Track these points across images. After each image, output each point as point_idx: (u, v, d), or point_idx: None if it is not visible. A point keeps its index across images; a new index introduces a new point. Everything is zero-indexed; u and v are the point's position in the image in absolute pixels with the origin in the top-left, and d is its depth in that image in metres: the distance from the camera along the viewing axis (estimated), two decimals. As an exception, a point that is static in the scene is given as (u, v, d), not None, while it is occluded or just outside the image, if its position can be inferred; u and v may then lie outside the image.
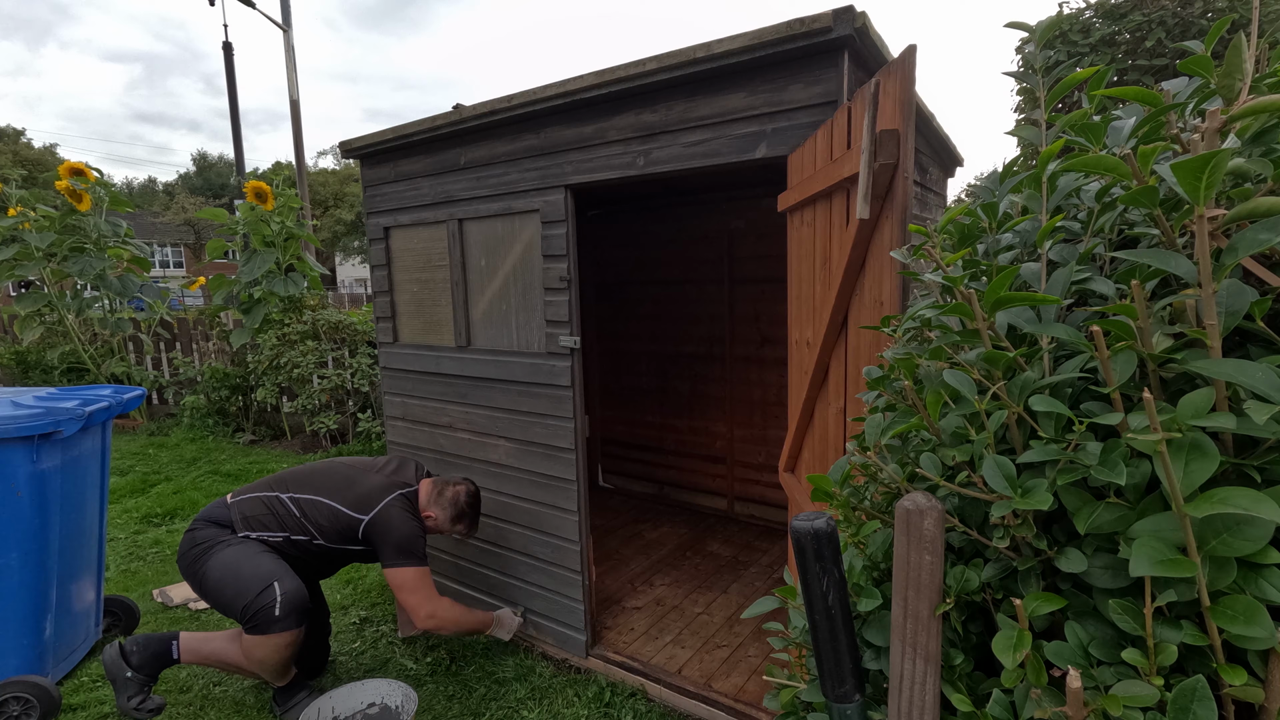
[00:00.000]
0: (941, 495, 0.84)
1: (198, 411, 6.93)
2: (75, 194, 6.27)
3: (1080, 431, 0.66)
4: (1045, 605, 0.69)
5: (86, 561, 2.71)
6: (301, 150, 11.93)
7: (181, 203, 36.33)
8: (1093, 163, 0.75)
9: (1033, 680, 0.69)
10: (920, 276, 0.97)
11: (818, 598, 0.82)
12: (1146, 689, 0.60)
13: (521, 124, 2.45)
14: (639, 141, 2.16)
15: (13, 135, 38.65)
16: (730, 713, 2.30)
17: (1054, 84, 0.94)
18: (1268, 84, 0.75)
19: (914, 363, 0.89)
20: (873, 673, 0.93)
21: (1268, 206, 0.61)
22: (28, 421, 2.26)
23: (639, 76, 2.03)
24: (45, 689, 2.32)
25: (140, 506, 4.68)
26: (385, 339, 3.20)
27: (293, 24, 11.67)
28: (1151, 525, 0.63)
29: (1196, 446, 0.60)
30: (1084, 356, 0.72)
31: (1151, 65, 4.34)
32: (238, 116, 12.87)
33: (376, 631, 3.02)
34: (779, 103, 1.87)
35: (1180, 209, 0.72)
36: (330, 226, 33.30)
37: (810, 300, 1.83)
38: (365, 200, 3.12)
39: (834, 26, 1.67)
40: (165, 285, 7.61)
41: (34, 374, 7.14)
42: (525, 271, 2.57)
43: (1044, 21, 0.95)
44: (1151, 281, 0.74)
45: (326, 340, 6.15)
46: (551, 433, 2.59)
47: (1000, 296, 0.74)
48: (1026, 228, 0.93)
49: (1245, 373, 0.58)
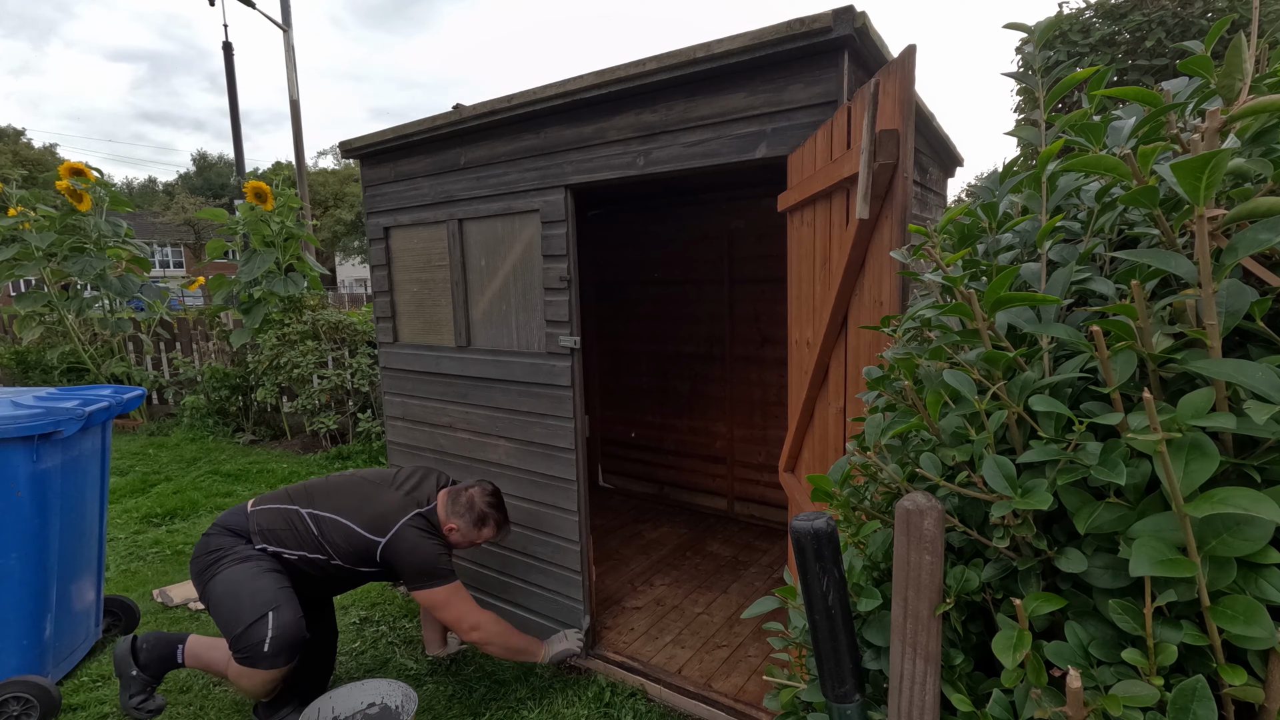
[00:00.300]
0: (941, 495, 0.84)
1: (198, 411, 6.93)
2: (75, 194, 6.27)
3: (1080, 431, 0.66)
4: (1045, 605, 0.69)
5: (86, 561, 2.70)
6: (301, 150, 11.93)
7: (181, 203, 36.33)
8: (1093, 163, 0.75)
9: (1033, 680, 0.69)
10: (920, 276, 0.97)
11: (818, 598, 0.82)
12: (1146, 689, 0.60)
13: (521, 124, 2.45)
14: (639, 141, 2.16)
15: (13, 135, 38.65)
16: (730, 713, 2.30)
17: (1053, 84, 0.94)
18: (1268, 84, 0.75)
19: (914, 363, 0.89)
20: (873, 673, 0.93)
21: (1268, 206, 0.61)
22: (28, 421, 2.26)
23: (639, 76, 2.03)
24: (45, 689, 2.32)
25: (140, 506, 4.68)
26: (385, 339, 3.20)
27: (293, 24, 11.66)
28: (1151, 525, 0.63)
29: (1196, 446, 0.60)
30: (1084, 356, 0.72)
31: (1151, 65, 4.34)
32: (238, 116, 12.87)
33: (376, 631, 3.02)
34: (779, 103, 1.87)
35: (1180, 209, 0.72)
36: (330, 226, 33.30)
37: (810, 300, 1.83)
38: (365, 200, 3.12)
39: (834, 26, 1.67)
40: (165, 285, 7.61)
41: (34, 374, 7.14)
42: (525, 271, 2.57)
43: (1043, 22, 0.95)
44: (1151, 281, 0.74)
45: (326, 340, 6.15)
46: (551, 433, 2.59)
47: (1000, 296, 0.74)
48: (1026, 228, 0.93)
49: (1245, 373, 0.58)
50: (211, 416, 6.93)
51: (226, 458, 5.98)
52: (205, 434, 6.78)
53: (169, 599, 3.32)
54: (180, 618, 3.16)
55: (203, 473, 5.51)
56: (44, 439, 2.33)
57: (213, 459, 5.94)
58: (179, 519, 4.51)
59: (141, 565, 3.80)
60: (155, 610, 3.23)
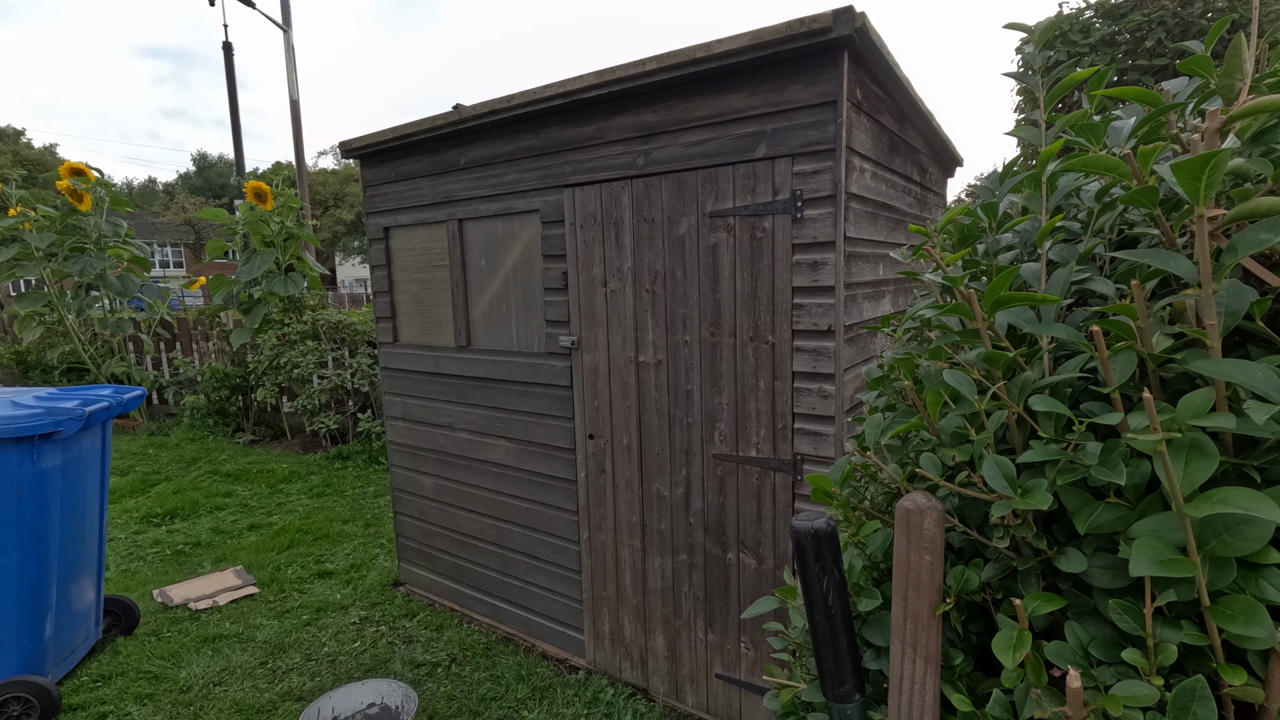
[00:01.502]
0: (941, 495, 0.84)
1: (198, 411, 6.93)
2: (75, 194, 6.27)
3: (1080, 431, 0.66)
4: (1045, 605, 0.69)
5: (87, 561, 2.70)
6: (301, 150, 11.93)
7: (181, 203, 36.33)
8: (1092, 163, 0.75)
9: (1033, 680, 0.69)
10: (920, 276, 0.97)
11: (818, 598, 0.82)
12: (1146, 689, 0.60)
13: (521, 124, 2.45)
14: (639, 141, 2.16)
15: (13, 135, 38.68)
16: (730, 713, 2.30)
17: (1053, 84, 0.94)
18: (1267, 84, 0.75)
19: (914, 363, 0.89)
20: (873, 673, 0.93)
21: (1267, 206, 0.61)
22: (28, 421, 2.26)
23: (639, 76, 2.03)
24: (45, 689, 2.32)
25: (140, 506, 4.68)
26: (385, 339, 3.20)
27: (293, 24, 11.67)
28: (1151, 525, 0.63)
29: (1196, 446, 0.60)
30: (1084, 356, 0.72)
31: (1151, 65, 4.34)
32: (237, 116, 12.87)
33: (376, 631, 3.02)
34: (779, 103, 1.87)
35: (1180, 209, 0.72)
36: (330, 226, 33.30)
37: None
38: (365, 200, 3.12)
39: (834, 27, 1.67)
40: (165, 285, 7.61)
41: (34, 374, 7.14)
42: (525, 271, 2.57)
43: (1043, 22, 0.95)
44: (1151, 281, 0.74)
45: (326, 340, 6.15)
46: (551, 432, 2.59)
47: (1000, 296, 0.74)
48: (1026, 228, 0.93)
49: (1245, 373, 0.58)
50: (211, 416, 6.93)
51: (226, 458, 5.99)
52: (205, 434, 6.78)
53: (169, 599, 3.32)
54: (180, 617, 3.16)
55: (203, 473, 5.52)
56: (44, 439, 2.33)
57: (213, 459, 5.94)
58: (179, 519, 4.51)
59: (141, 565, 3.80)
60: (155, 610, 3.23)
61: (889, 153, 2.29)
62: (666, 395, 2.26)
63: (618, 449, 2.43)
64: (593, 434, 2.51)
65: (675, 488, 2.30)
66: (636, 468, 2.39)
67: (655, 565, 2.40)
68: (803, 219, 1.88)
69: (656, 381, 2.28)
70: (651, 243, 2.20)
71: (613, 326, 2.35)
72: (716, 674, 2.30)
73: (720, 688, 2.31)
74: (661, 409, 2.28)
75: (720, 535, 2.21)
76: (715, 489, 2.20)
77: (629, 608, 2.50)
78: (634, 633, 2.51)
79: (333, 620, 3.13)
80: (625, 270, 2.28)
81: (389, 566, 3.69)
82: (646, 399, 2.31)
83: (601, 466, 2.50)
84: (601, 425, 2.47)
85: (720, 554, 2.22)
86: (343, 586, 3.48)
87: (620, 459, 2.43)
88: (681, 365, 2.20)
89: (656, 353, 2.26)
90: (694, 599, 2.31)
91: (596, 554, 2.56)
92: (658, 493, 2.35)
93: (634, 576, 2.47)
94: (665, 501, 2.33)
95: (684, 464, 2.26)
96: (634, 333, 2.30)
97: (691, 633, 2.34)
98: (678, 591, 2.36)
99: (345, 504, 4.76)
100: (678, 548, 2.33)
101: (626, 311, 2.30)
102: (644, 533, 2.41)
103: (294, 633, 3.02)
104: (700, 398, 2.18)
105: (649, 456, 2.35)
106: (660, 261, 2.19)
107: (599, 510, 2.53)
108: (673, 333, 2.20)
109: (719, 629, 2.27)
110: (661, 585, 2.40)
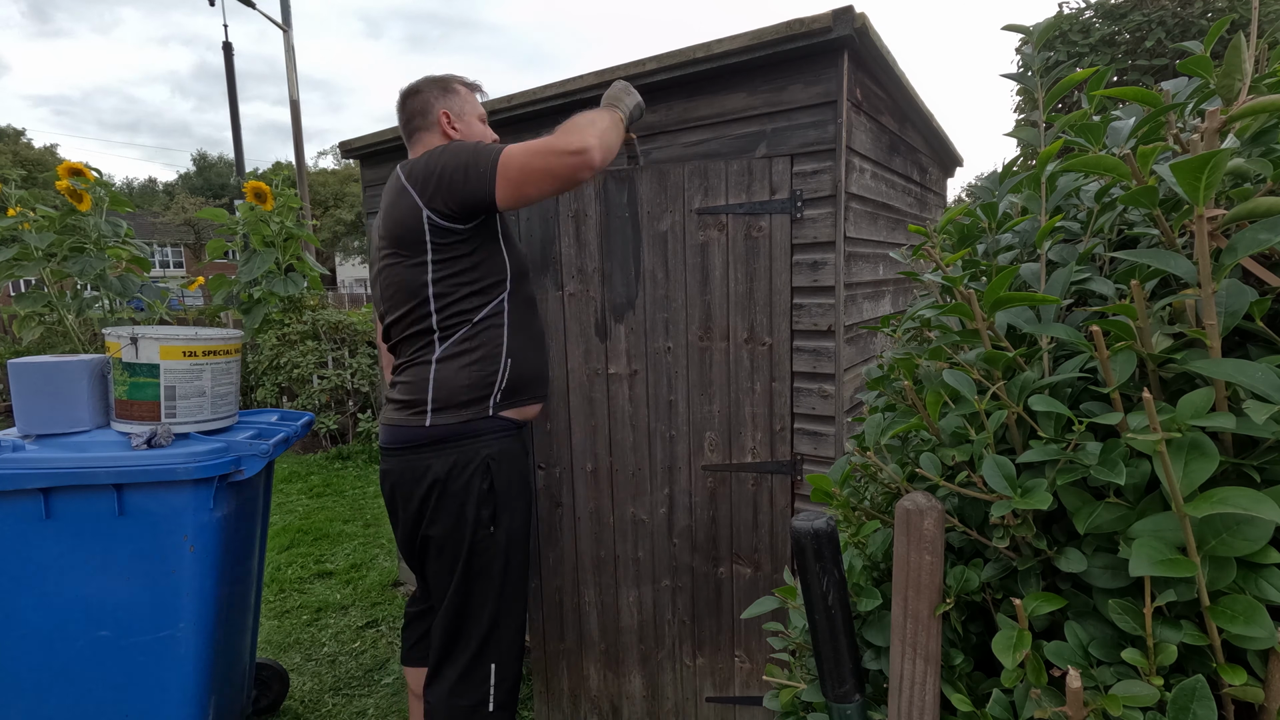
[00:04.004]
0: (941, 495, 0.84)
1: (198, 412, 6.92)
2: (75, 194, 6.27)
3: (1080, 431, 0.66)
4: (1045, 605, 0.69)
5: (244, 623, 2.24)
6: (301, 150, 11.93)
7: (181, 203, 36.35)
8: (1092, 163, 0.75)
9: (1033, 680, 0.69)
10: (920, 276, 0.97)
11: (818, 598, 0.82)
12: (1146, 689, 0.60)
13: (521, 124, 2.45)
14: (639, 141, 2.16)
15: (13, 135, 38.68)
16: (730, 713, 2.29)
17: (1053, 85, 0.94)
18: (1267, 84, 0.75)
19: (914, 363, 0.89)
20: (873, 673, 0.93)
21: (1267, 206, 0.61)
22: (209, 459, 1.82)
23: (638, 76, 2.03)
24: None
25: (140, 507, 4.68)
26: (385, 339, 3.19)
27: (293, 24, 11.67)
28: (1151, 525, 0.63)
29: (1196, 446, 0.60)
30: (1084, 356, 0.72)
31: (1151, 65, 4.34)
32: (237, 117, 12.86)
33: (377, 632, 3.02)
34: (779, 103, 1.87)
35: (1180, 209, 0.72)
36: (330, 226, 33.32)
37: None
38: (365, 200, 3.12)
39: (834, 27, 1.67)
40: (165, 285, 7.60)
41: (34, 374, 7.12)
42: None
43: (1042, 23, 0.95)
44: (1151, 281, 0.74)
45: (326, 340, 6.16)
46: (551, 433, 2.58)
47: (1000, 296, 0.74)
48: (1026, 228, 0.93)
49: (1245, 373, 0.58)
50: (211, 417, 6.92)
51: (226, 458, 5.98)
52: (205, 434, 6.77)
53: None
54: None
55: (203, 473, 5.51)
56: (223, 480, 1.89)
57: (213, 459, 5.93)
58: (179, 519, 4.50)
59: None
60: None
61: (889, 153, 2.29)
62: (644, 409, 2.10)
63: (579, 476, 2.20)
64: (542, 464, 2.22)
65: (656, 509, 2.13)
66: (606, 494, 2.18)
67: (630, 599, 2.21)
68: (802, 219, 1.88)
69: (631, 395, 2.12)
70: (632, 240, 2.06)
71: (571, 335, 2.16)
72: (707, 698, 2.18)
73: (712, 711, 2.19)
74: (638, 424, 2.11)
75: (711, 551, 2.09)
76: (705, 503, 2.07)
77: (595, 654, 2.29)
78: (602, 681, 2.30)
79: (333, 620, 3.13)
80: (590, 272, 2.11)
81: (389, 566, 3.69)
82: (618, 415, 2.14)
83: (556, 500, 2.23)
84: (556, 452, 2.20)
85: (710, 570, 2.10)
86: (343, 586, 3.48)
87: (583, 488, 2.20)
88: (664, 374, 2.07)
89: (631, 363, 2.11)
90: (679, 624, 2.17)
91: (550, 603, 2.31)
92: (634, 518, 2.16)
93: (602, 619, 2.26)
94: (644, 526, 2.16)
95: (666, 482, 2.10)
96: (603, 342, 2.12)
97: (676, 662, 2.20)
98: (659, 621, 2.19)
99: (345, 504, 4.77)
100: (659, 574, 2.16)
101: (589, 319, 2.11)
102: (616, 566, 2.22)
103: (294, 633, 3.02)
104: (687, 407, 2.05)
105: (622, 479, 2.16)
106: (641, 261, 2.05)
107: (552, 551, 2.28)
108: (652, 339, 2.07)
109: (709, 649, 2.15)
110: (639, 620, 2.21)
